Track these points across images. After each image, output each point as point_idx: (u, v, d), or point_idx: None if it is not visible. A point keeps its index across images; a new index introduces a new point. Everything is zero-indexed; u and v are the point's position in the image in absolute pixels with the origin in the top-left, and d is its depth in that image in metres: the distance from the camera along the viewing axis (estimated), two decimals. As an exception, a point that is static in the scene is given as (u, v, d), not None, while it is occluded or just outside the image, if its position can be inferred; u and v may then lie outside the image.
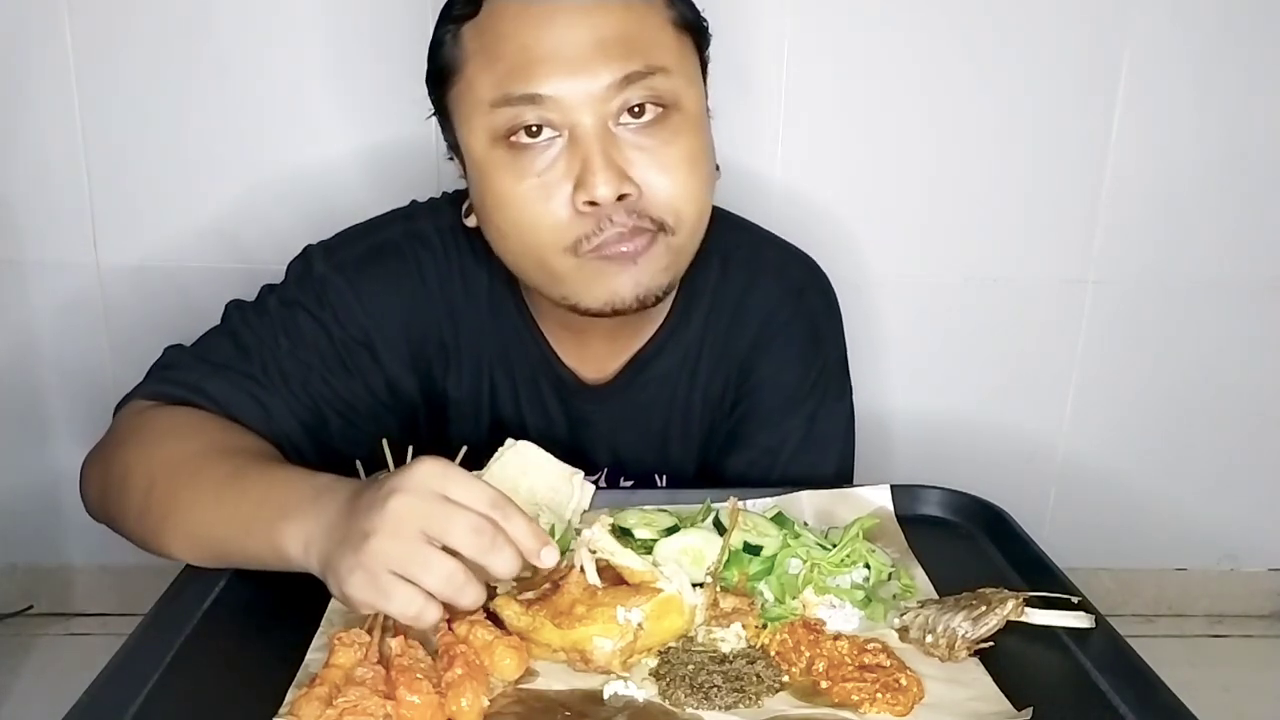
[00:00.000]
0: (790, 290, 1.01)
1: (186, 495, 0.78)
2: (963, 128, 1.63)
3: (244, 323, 0.92)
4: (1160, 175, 1.68)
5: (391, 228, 0.96)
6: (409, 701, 0.61)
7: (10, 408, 1.70)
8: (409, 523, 0.63)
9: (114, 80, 1.54)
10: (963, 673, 0.68)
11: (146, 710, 0.62)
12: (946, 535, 0.88)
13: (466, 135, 0.84)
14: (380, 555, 0.63)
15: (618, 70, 0.79)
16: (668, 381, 0.99)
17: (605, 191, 0.78)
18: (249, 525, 0.74)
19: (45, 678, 1.66)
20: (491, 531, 0.64)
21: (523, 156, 0.80)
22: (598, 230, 0.80)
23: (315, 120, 1.57)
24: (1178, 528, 1.89)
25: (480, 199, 0.86)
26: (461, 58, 0.82)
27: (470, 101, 0.82)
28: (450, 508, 0.64)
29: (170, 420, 0.86)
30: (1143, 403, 1.81)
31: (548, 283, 0.86)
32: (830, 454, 1.01)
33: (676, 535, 0.76)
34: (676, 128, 0.82)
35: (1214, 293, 1.75)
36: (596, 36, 0.79)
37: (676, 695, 0.64)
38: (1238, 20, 1.61)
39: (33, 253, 1.62)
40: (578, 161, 0.79)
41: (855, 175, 1.64)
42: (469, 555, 0.63)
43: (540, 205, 0.81)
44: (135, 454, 0.83)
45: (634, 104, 0.80)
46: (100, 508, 0.87)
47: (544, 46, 0.78)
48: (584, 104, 0.79)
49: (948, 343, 1.74)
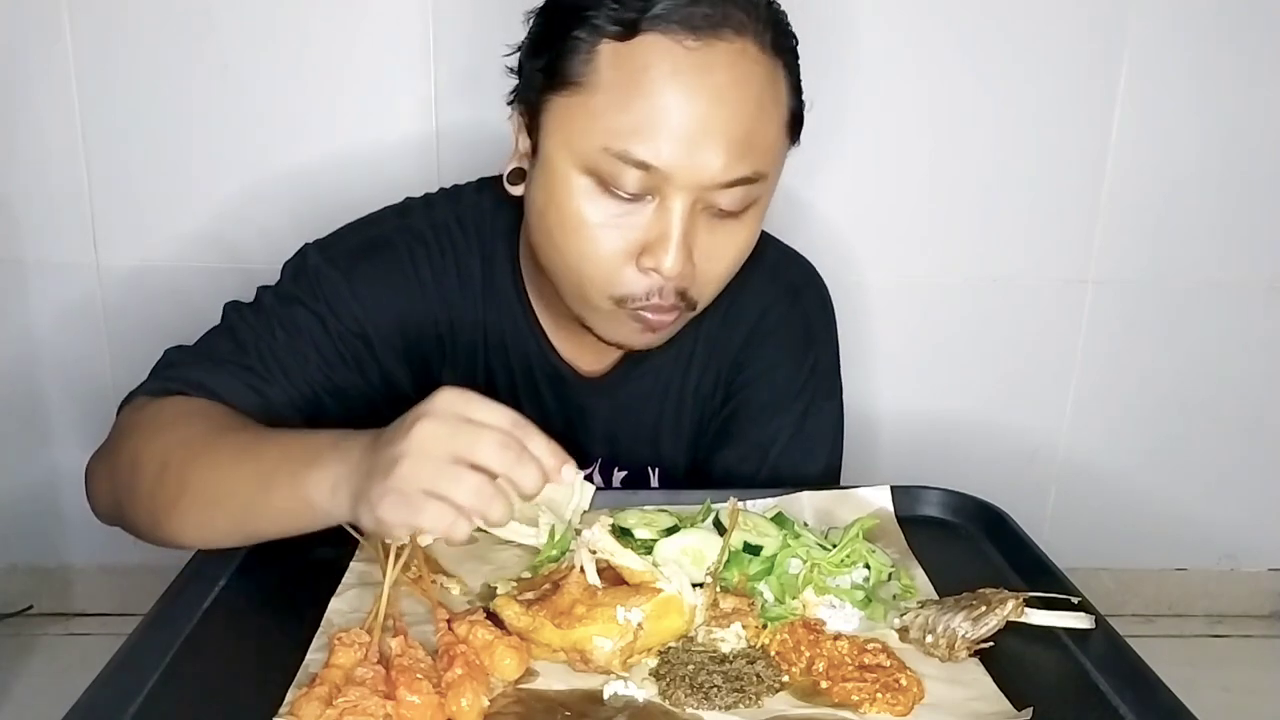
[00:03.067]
0: (786, 289, 1.02)
1: (203, 466, 0.78)
2: (962, 128, 1.63)
3: (241, 320, 0.92)
4: (1160, 175, 1.68)
5: (386, 224, 0.96)
6: (409, 701, 0.61)
7: (10, 408, 1.70)
8: (436, 444, 0.65)
9: (114, 80, 1.54)
10: (963, 673, 0.68)
11: (146, 710, 0.62)
12: (946, 536, 0.88)
13: (556, 146, 0.81)
14: (411, 476, 0.65)
15: (733, 171, 0.78)
16: (662, 375, 1.00)
17: (672, 269, 0.79)
18: (271, 482, 0.74)
19: (45, 678, 1.66)
20: (517, 446, 0.66)
21: (609, 196, 0.80)
22: (645, 296, 0.82)
23: (316, 121, 1.57)
24: (1178, 528, 1.89)
25: (544, 204, 0.83)
26: (591, 79, 0.78)
27: (580, 127, 0.79)
28: (475, 426, 0.66)
29: (176, 408, 0.86)
30: (1143, 403, 1.81)
31: (575, 302, 0.87)
32: (819, 453, 1.02)
33: (676, 535, 0.76)
34: (745, 222, 0.83)
35: (1214, 293, 1.75)
36: (729, 130, 0.77)
37: (676, 695, 0.64)
38: (1237, 20, 1.61)
39: (33, 253, 1.62)
40: (658, 227, 0.79)
41: (854, 176, 1.64)
42: (497, 469, 0.65)
43: (606, 247, 0.81)
44: (144, 441, 0.83)
45: (724, 203, 0.80)
46: (109, 504, 0.87)
47: (679, 121, 0.76)
48: (689, 187, 0.78)
49: (948, 343, 1.75)
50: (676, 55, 0.76)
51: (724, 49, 0.77)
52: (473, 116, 1.57)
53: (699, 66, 0.76)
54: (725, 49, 0.77)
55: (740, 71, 0.78)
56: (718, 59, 0.77)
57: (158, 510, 0.79)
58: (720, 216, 0.81)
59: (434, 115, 1.58)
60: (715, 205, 0.80)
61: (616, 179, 0.78)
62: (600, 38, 0.78)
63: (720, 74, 0.77)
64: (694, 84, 0.76)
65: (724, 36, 0.77)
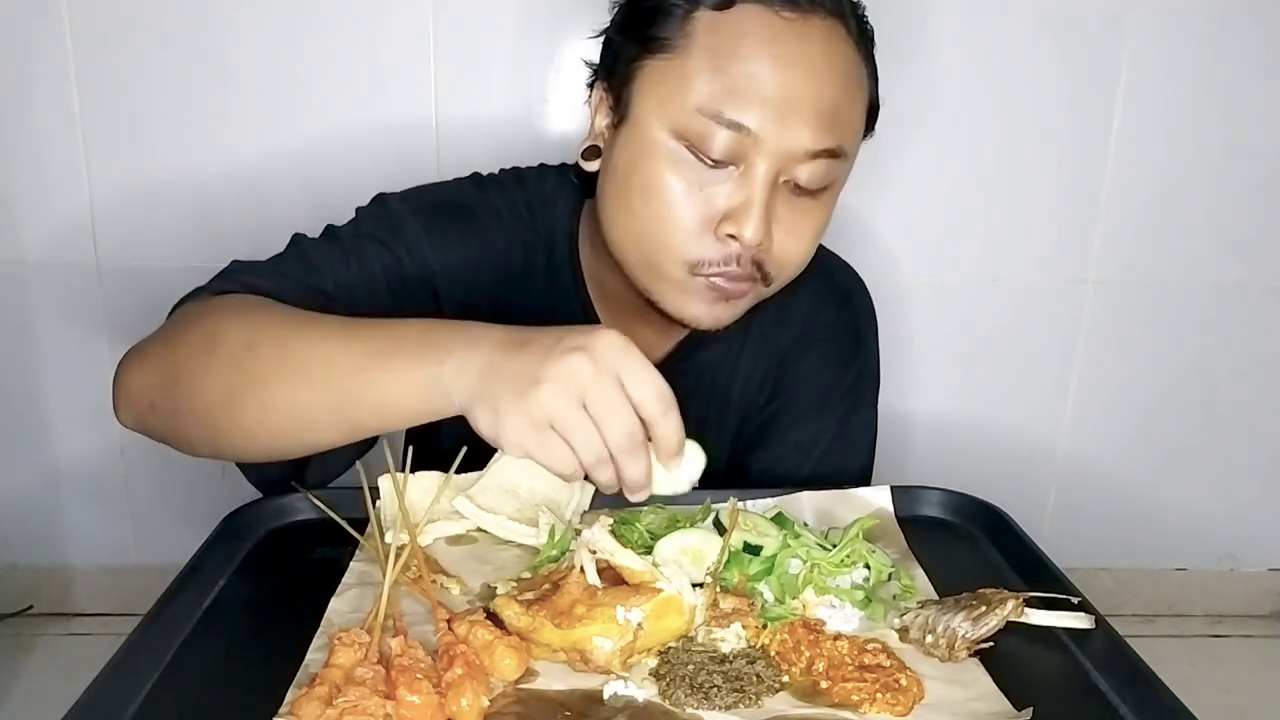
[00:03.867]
0: (837, 293, 1.04)
1: (305, 340, 0.73)
2: (962, 129, 1.63)
3: (314, 246, 0.91)
4: (1160, 175, 1.68)
5: (465, 192, 0.97)
6: (409, 701, 0.61)
7: (10, 408, 1.70)
8: (580, 386, 0.63)
9: (114, 80, 1.54)
10: (963, 673, 0.68)
11: (146, 710, 0.62)
12: (946, 536, 0.88)
13: (647, 110, 0.82)
14: (547, 406, 0.63)
15: (820, 141, 0.80)
16: (709, 371, 1.00)
17: (753, 237, 0.80)
18: (385, 361, 0.69)
19: (45, 678, 1.67)
20: (641, 440, 0.65)
21: (696, 161, 0.81)
22: (723, 262, 0.82)
23: (316, 121, 1.57)
24: (1178, 528, 1.89)
25: (627, 170, 0.84)
26: (685, 43, 0.80)
27: (672, 88, 0.81)
28: (619, 397, 0.64)
29: (256, 299, 0.81)
30: (1143, 403, 1.81)
31: (644, 275, 0.86)
32: (857, 457, 1.03)
33: (676, 535, 0.76)
34: (824, 202, 0.85)
35: (1214, 293, 1.75)
36: (819, 100, 0.79)
37: (676, 695, 0.64)
38: (1237, 21, 1.61)
39: (33, 253, 1.62)
40: (741, 194, 0.81)
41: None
42: (611, 449, 0.65)
43: (688, 212, 0.81)
44: (225, 320, 0.77)
45: (805, 177, 0.81)
46: (147, 399, 0.80)
47: (773, 86, 0.78)
48: (776, 154, 0.80)
49: (947, 343, 1.75)
50: (774, 24, 0.79)
51: (819, 24, 0.80)
52: (472, 111, 1.57)
53: (795, 37, 0.79)
54: (820, 24, 0.80)
55: (832, 48, 0.81)
56: (813, 32, 0.80)
57: (240, 386, 0.73)
58: (799, 194, 0.83)
59: (434, 113, 1.58)
60: (796, 180, 0.82)
61: (706, 141, 0.79)
62: (698, 6, 0.80)
63: (814, 46, 0.80)
64: (789, 53, 0.79)
65: (818, 14, 0.80)
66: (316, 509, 0.84)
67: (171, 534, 1.19)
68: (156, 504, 1.73)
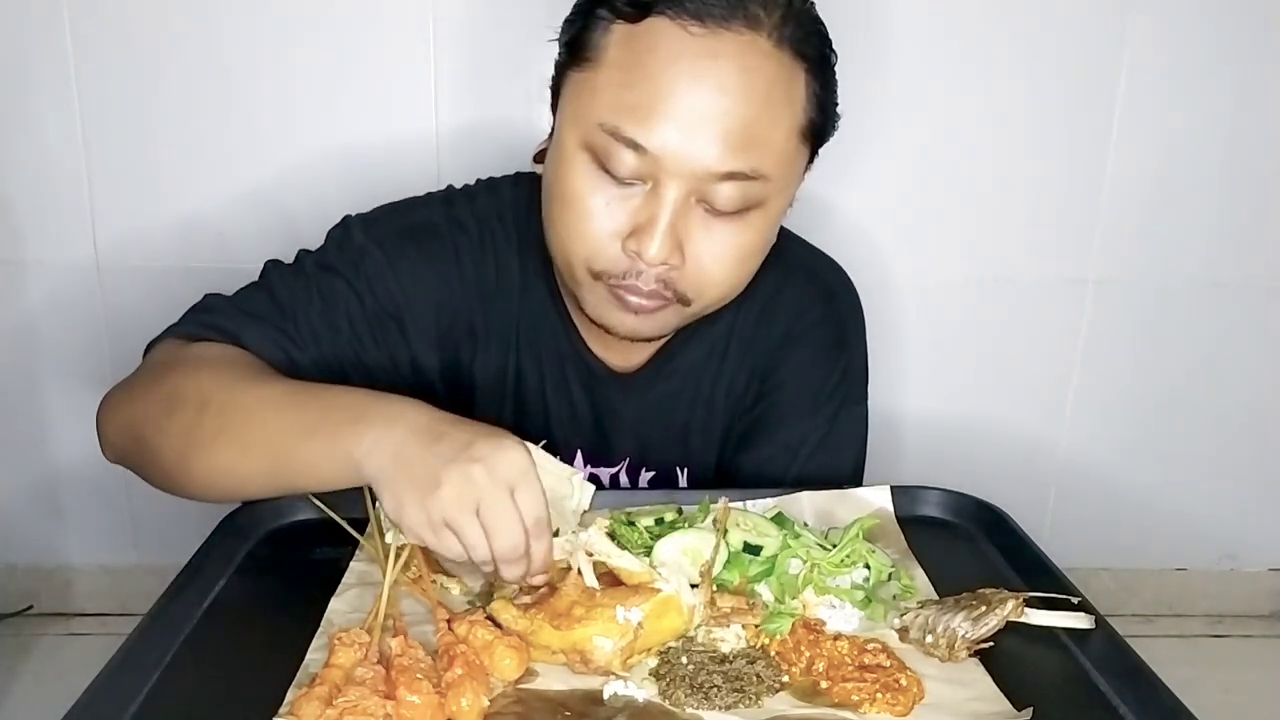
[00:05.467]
0: (822, 292, 1.02)
1: (245, 407, 0.78)
2: (962, 128, 1.63)
3: (281, 281, 0.92)
4: (1160, 175, 1.68)
5: (432, 210, 0.96)
6: (409, 701, 0.61)
7: (10, 408, 1.70)
8: (475, 495, 0.67)
9: (114, 80, 1.54)
10: (963, 673, 0.68)
11: (146, 710, 0.62)
12: (946, 536, 0.88)
13: (565, 121, 0.83)
14: (441, 508, 0.67)
15: (729, 163, 0.77)
16: (693, 373, 1.00)
17: (655, 255, 0.79)
18: (313, 431, 0.74)
19: (45, 678, 1.66)
20: (523, 552, 0.69)
21: (604, 175, 0.80)
22: (622, 275, 0.82)
23: (316, 121, 1.57)
24: (1178, 528, 1.89)
25: (550, 178, 0.85)
26: (600, 56, 0.79)
27: (584, 101, 0.80)
28: (508, 512, 0.68)
29: (220, 350, 0.86)
30: (1143, 403, 1.81)
31: (567, 279, 0.88)
32: (846, 456, 1.02)
33: (676, 535, 0.76)
34: (748, 224, 0.82)
35: (1214, 293, 1.75)
36: (728, 120, 0.77)
37: (676, 695, 0.64)
38: (1237, 20, 1.61)
39: (33, 253, 1.62)
40: (646, 213, 0.79)
41: (853, 176, 1.64)
42: (496, 556, 0.69)
43: (594, 224, 0.81)
44: (185, 376, 0.82)
45: (719, 200, 0.79)
46: (124, 441, 0.86)
47: (674, 103, 0.76)
48: (679, 174, 0.78)
49: (948, 343, 1.74)
50: (681, 40, 0.76)
51: (731, 39, 0.76)
52: (473, 116, 1.57)
53: (703, 52, 0.76)
54: (733, 39, 0.77)
55: (747, 64, 0.77)
56: (724, 48, 0.76)
57: (190, 447, 0.78)
58: (716, 216, 0.81)
59: (434, 115, 1.58)
60: (711, 201, 0.79)
61: (610, 158, 0.78)
62: (616, 18, 0.79)
63: (725, 63, 0.76)
64: (695, 70, 0.76)
65: (733, 27, 0.76)
66: (316, 509, 0.85)
67: (171, 534, 1.19)
68: (156, 504, 1.71)
